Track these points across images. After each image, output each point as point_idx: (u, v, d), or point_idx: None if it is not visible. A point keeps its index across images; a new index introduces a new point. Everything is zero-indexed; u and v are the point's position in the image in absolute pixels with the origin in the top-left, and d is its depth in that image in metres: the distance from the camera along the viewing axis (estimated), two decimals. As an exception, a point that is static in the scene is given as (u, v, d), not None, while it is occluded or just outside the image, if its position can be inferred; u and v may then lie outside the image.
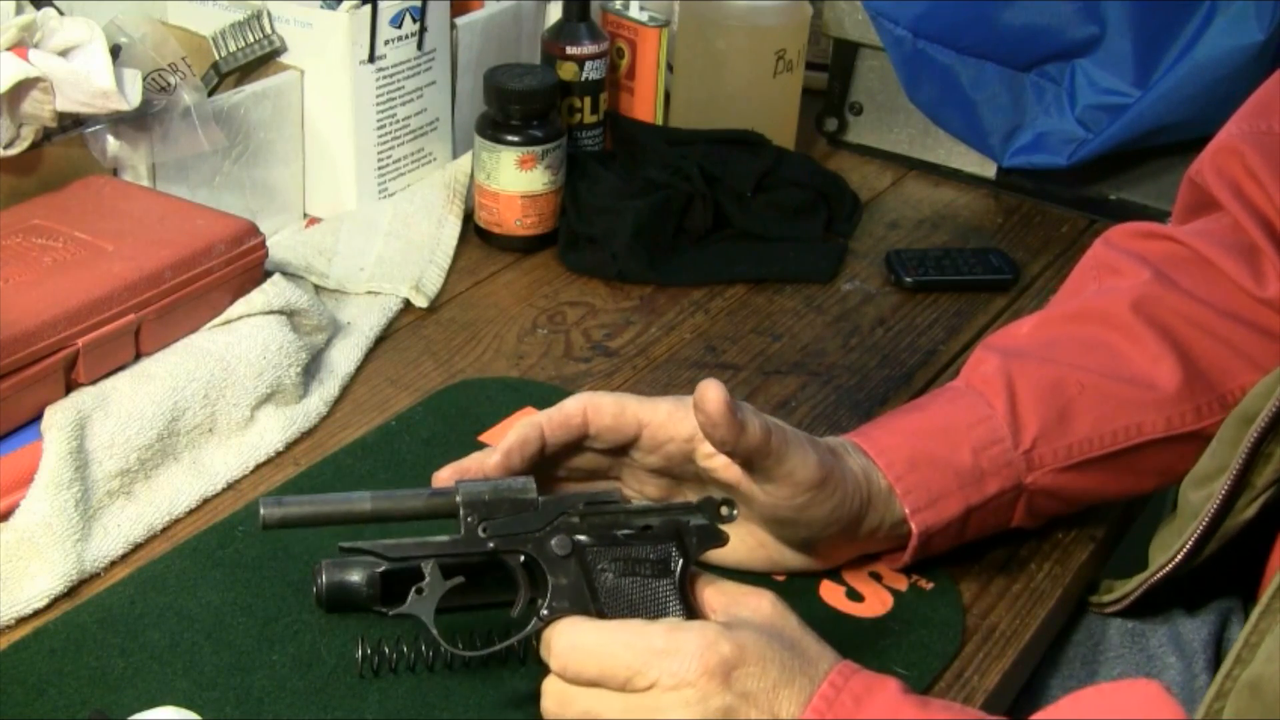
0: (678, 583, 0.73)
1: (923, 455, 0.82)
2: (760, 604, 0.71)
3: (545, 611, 0.71)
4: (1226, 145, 0.93)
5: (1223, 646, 0.90)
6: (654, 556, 0.73)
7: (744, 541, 0.83)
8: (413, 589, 0.72)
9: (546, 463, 0.79)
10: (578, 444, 0.79)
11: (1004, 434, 0.83)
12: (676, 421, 0.78)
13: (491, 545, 0.72)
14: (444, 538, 0.72)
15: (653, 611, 0.72)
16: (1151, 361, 0.87)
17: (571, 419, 0.78)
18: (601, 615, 0.71)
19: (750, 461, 0.76)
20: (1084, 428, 0.85)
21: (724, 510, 0.75)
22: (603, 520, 0.74)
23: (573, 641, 0.68)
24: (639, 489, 0.82)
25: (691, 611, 0.73)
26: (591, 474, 0.82)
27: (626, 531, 0.73)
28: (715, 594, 0.73)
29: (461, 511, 0.72)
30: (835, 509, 0.79)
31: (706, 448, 0.78)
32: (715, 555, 0.83)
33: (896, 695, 0.67)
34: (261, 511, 0.70)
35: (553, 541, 0.72)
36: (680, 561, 0.73)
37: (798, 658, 0.68)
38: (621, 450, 0.80)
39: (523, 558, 0.72)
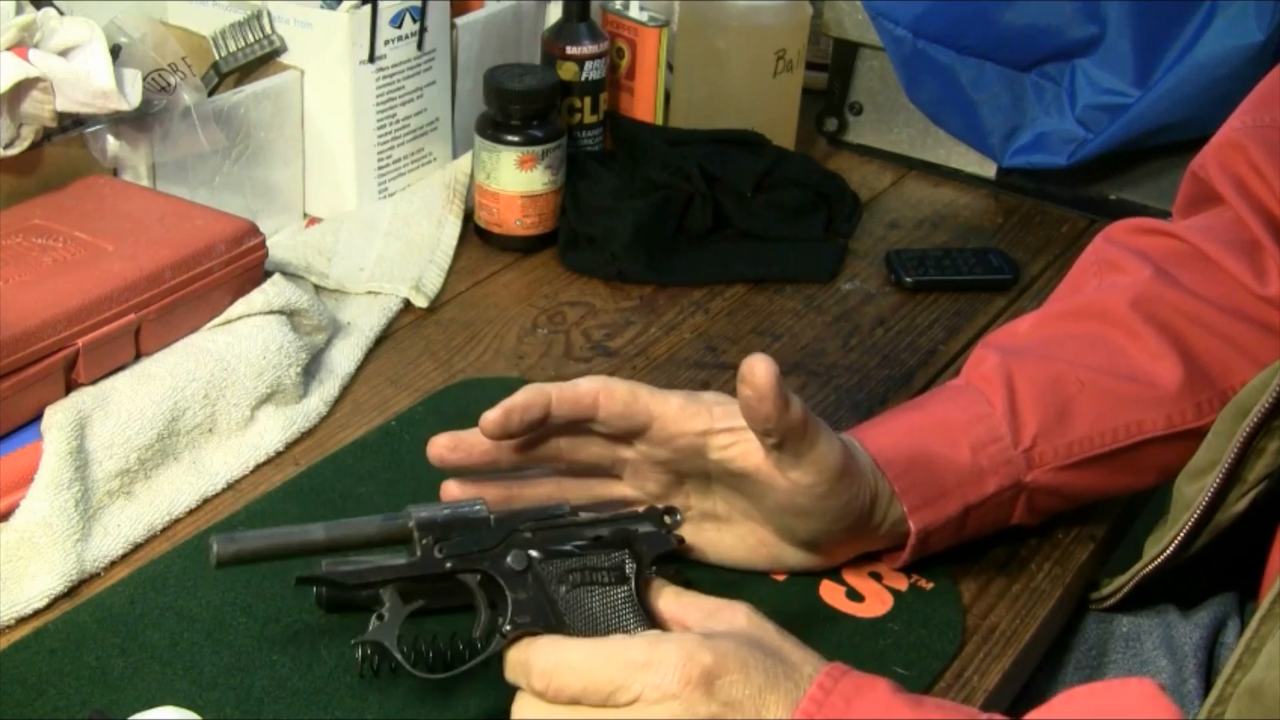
0: (634, 590, 0.73)
1: (921, 453, 0.82)
2: (735, 617, 0.71)
3: (508, 628, 0.70)
4: (1230, 139, 0.93)
5: (1216, 650, 0.90)
6: (608, 565, 0.73)
7: (744, 540, 0.83)
8: (373, 616, 0.71)
9: (548, 450, 0.79)
10: (582, 425, 0.79)
11: (1003, 432, 0.83)
12: (689, 416, 0.78)
13: (449, 565, 0.72)
14: (401, 560, 0.72)
15: (613, 619, 0.72)
16: (1152, 359, 0.87)
17: (583, 398, 0.77)
18: (562, 627, 0.71)
19: (784, 442, 0.75)
20: (1084, 425, 0.85)
21: (667, 518, 0.76)
22: (554, 534, 0.74)
23: (556, 659, 0.67)
24: (640, 486, 0.82)
25: (650, 617, 0.73)
26: (592, 468, 0.81)
27: (579, 543, 0.74)
28: (689, 610, 0.73)
29: (416, 534, 0.72)
30: (850, 501, 0.79)
31: (721, 440, 0.78)
32: (716, 553, 0.83)
33: (888, 695, 0.67)
34: (214, 549, 0.69)
35: (508, 558, 0.72)
36: (634, 568, 0.73)
37: (781, 664, 0.67)
38: (624, 439, 0.80)
39: (479, 576, 0.72)
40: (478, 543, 0.72)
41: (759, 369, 0.72)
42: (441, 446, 0.77)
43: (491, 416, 0.76)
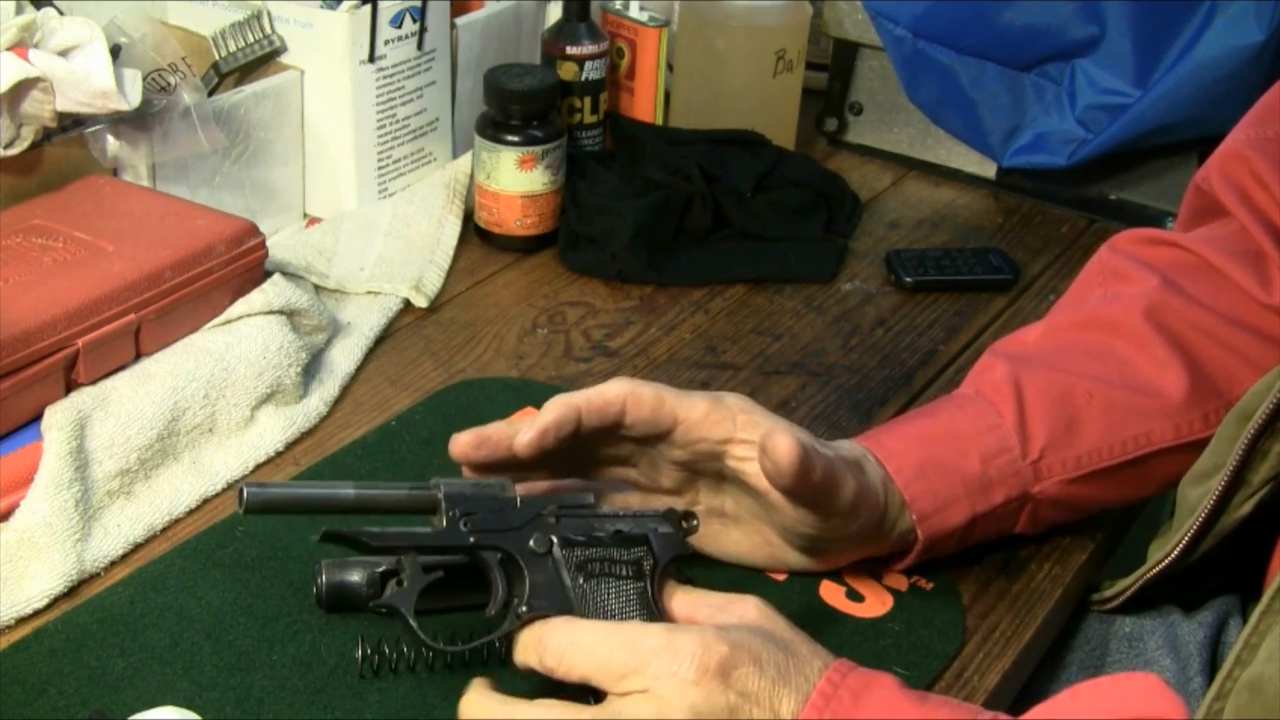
0: (649, 587, 0.73)
1: (931, 462, 0.82)
2: (746, 610, 0.71)
3: (524, 609, 0.71)
4: (1233, 151, 0.93)
5: (1219, 649, 0.90)
6: (628, 559, 0.74)
7: (749, 538, 0.83)
8: (392, 581, 0.72)
9: (571, 448, 0.79)
10: (611, 431, 0.79)
11: (1012, 443, 0.83)
12: (712, 423, 0.78)
13: (472, 539, 0.72)
14: (426, 529, 0.73)
15: (624, 613, 0.72)
16: (1159, 369, 0.87)
17: (611, 406, 0.77)
18: (577, 614, 0.71)
19: (801, 499, 0.77)
20: (1092, 437, 0.85)
21: (684, 523, 0.77)
22: (577, 522, 0.74)
23: (570, 638, 0.68)
24: (653, 478, 0.82)
25: (662, 616, 0.73)
26: (612, 460, 0.81)
27: (600, 534, 0.74)
28: (699, 603, 0.73)
29: (443, 505, 0.73)
30: (860, 527, 0.80)
31: (740, 450, 0.78)
32: (719, 549, 0.84)
33: (894, 691, 0.67)
34: (244, 495, 0.69)
35: (530, 540, 0.73)
36: (652, 565, 0.74)
37: (791, 657, 0.68)
38: (648, 440, 0.80)
39: (500, 555, 0.72)
40: (502, 521, 0.73)
41: (782, 449, 0.73)
42: (466, 445, 0.76)
43: (527, 439, 0.75)
